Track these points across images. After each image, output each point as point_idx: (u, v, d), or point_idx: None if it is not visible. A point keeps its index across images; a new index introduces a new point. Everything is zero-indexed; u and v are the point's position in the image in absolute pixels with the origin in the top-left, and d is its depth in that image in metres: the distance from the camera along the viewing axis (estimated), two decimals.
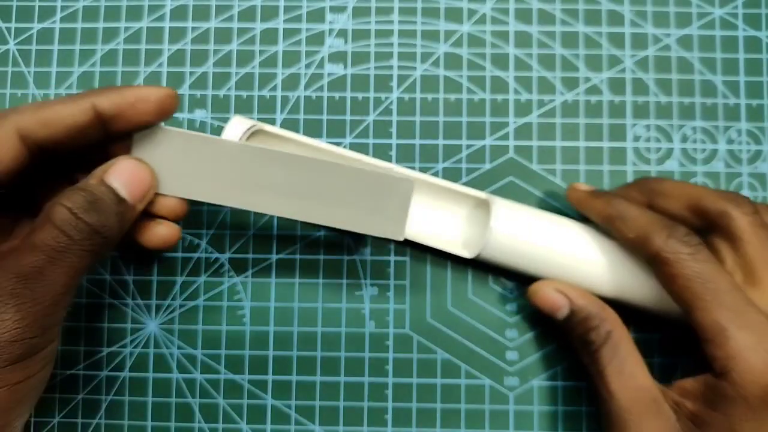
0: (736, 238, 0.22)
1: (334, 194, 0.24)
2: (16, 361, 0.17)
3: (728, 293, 0.21)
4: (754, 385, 0.20)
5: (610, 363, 0.23)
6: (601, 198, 0.25)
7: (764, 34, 0.30)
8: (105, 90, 0.21)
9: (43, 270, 0.18)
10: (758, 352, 0.20)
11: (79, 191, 0.20)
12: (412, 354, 0.28)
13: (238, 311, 0.29)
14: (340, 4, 0.30)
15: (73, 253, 0.19)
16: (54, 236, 0.18)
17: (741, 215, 0.22)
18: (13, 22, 0.30)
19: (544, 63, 0.30)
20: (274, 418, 0.28)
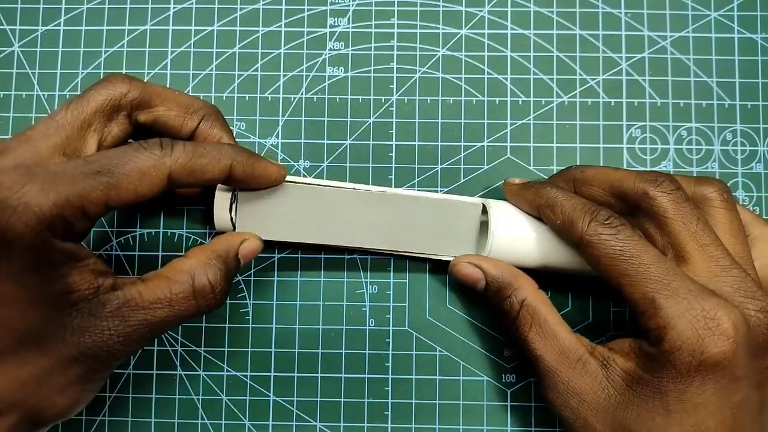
0: (661, 218, 0.23)
1: (413, 224, 0.26)
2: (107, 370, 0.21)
3: (653, 265, 0.21)
4: (682, 352, 0.20)
5: (530, 329, 0.23)
6: (531, 189, 0.25)
7: (759, 36, 0.30)
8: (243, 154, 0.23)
9: (166, 323, 0.21)
10: (687, 319, 0.20)
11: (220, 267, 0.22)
12: (411, 351, 0.29)
13: (241, 309, 0.29)
14: (341, 8, 0.31)
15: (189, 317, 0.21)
16: (190, 305, 0.21)
17: (661, 194, 0.23)
18: (17, 25, 0.31)
19: (541, 65, 0.30)
20: (275, 414, 0.28)
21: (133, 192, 0.20)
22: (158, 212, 0.29)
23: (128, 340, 0.20)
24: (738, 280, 0.22)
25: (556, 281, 0.28)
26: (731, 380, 0.20)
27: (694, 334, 0.20)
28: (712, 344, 0.20)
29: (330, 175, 0.30)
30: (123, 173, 0.20)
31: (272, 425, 0.28)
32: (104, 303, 0.20)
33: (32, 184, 0.18)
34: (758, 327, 0.21)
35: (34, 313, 0.19)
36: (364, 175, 0.29)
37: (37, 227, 0.18)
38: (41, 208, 0.18)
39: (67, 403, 0.20)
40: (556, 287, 0.29)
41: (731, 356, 0.20)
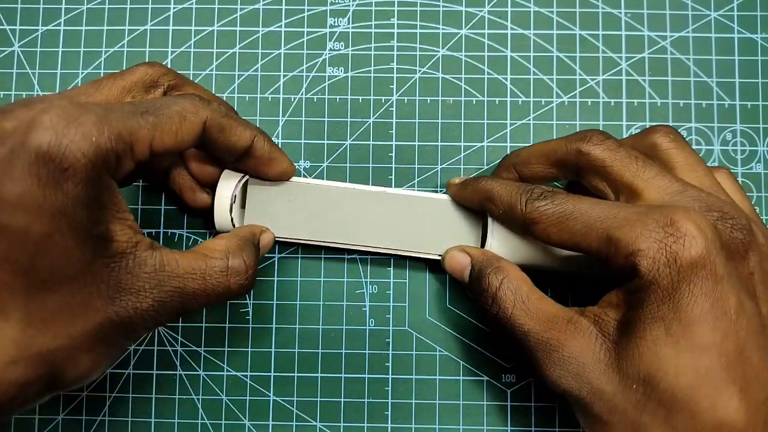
0: (601, 169, 0.22)
1: (416, 224, 0.27)
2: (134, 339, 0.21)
3: (593, 210, 0.21)
4: (658, 267, 0.19)
5: (513, 306, 0.22)
6: (470, 186, 0.25)
7: (759, 36, 0.30)
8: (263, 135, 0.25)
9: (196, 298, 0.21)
10: (647, 237, 0.19)
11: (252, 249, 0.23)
12: (411, 351, 0.29)
13: (241, 309, 0.29)
14: (341, 8, 0.31)
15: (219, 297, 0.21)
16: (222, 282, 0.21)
17: (593, 147, 0.23)
18: (17, 25, 0.31)
19: (541, 65, 0.30)
20: (275, 414, 0.28)
21: (174, 135, 0.21)
22: (158, 212, 0.29)
23: (160, 307, 0.20)
24: (692, 199, 0.21)
25: (556, 282, 0.28)
26: (715, 283, 0.19)
27: (660, 246, 0.19)
28: (681, 248, 0.19)
29: (330, 175, 0.30)
30: (167, 114, 0.21)
31: (272, 425, 0.28)
32: (142, 262, 0.20)
33: (88, 116, 0.18)
34: (724, 231, 0.21)
35: (77, 254, 0.18)
36: (364, 176, 0.30)
37: (93, 157, 0.18)
38: (97, 138, 0.18)
39: (89, 365, 0.20)
40: (556, 290, 0.29)
41: (705, 253, 0.19)
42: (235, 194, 0.26)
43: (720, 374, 0.19)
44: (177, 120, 0.21)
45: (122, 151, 0.19)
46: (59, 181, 0.17)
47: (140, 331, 0.20)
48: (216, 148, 0.23)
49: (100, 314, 0.19)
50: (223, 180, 0.26)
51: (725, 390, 0.19)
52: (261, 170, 0.25)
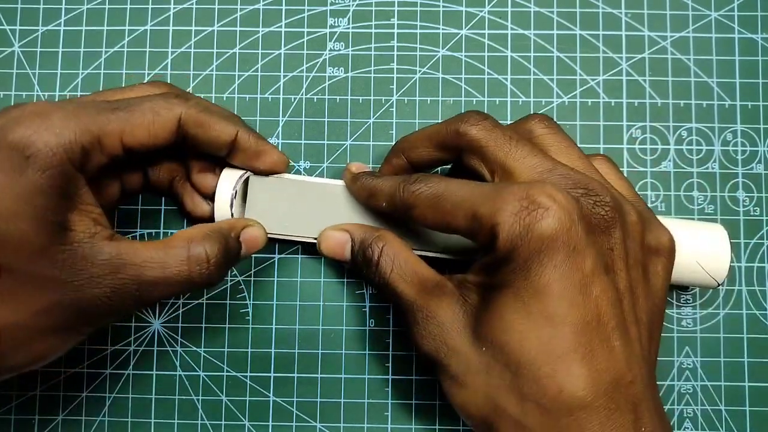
0: (477, 148, 0.23)
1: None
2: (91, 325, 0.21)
3: (463, 189, 0.21)
4: (513, 239, 0.19)
5: (391, 270, 0.23)
6: (357, 183, 0.26)
7: (760, 37, 0.30)
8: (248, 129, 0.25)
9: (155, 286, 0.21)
10: (506, 210, 0.20)
11: (220, 240, 0.23)
12: (411, 351, 0.29)
13: (241, 309, 0.29)
14: (341, 8, 0.31)
15: (182, 287, 0.22)
16: (182, 271, 0.21)
17: (470, 127, 0.23)
18: (17, 25, 0.31)
19: (542, 66, 0.30)
20: (275, 415, 0.28)
21: (146, 130, 0.22)
22: (158, 213, 0.29)
23: (115, 295, 0.20)
24: (561, 176, 0.22)
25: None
26: (568, 254, 0.19)
27: (516, 219, 0.19)
28: (538, 223, 0.19)
29: (330, 176, 0.30)
30: (139, 110, 0.22)
31: (272, 426, 0.28)
32: (98, 250, 0.20)
33: (57, 111, 0.20)
34: (587, 206, 0.21)
35: (33, 238, 0.19)
36: None
37: (54, 147, 0.19)
38: (61, 130, 0.20)
39: (37, 347, 0.20)
40: None
41: (558, 225, 0.19)
42: (236, 190, 0.26)
43: (562, 343, 0.19)
44: (149, 115, 0.22)
45: (88, 143, 0.20)
46: (22, 168, 0.19)
47: (98, 317, 0.21)
48: (198, 144, 0.24)
49: (51, 297, 0.20)
50: (224, 176, 0.26)
51: (566, 358, 0.19)
52: (251, 164, 0.26)
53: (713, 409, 0.28)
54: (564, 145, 0.24)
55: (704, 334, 0.29)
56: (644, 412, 0.20)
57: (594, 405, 0.19)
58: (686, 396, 0.28)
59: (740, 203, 0.29)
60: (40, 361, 0.21)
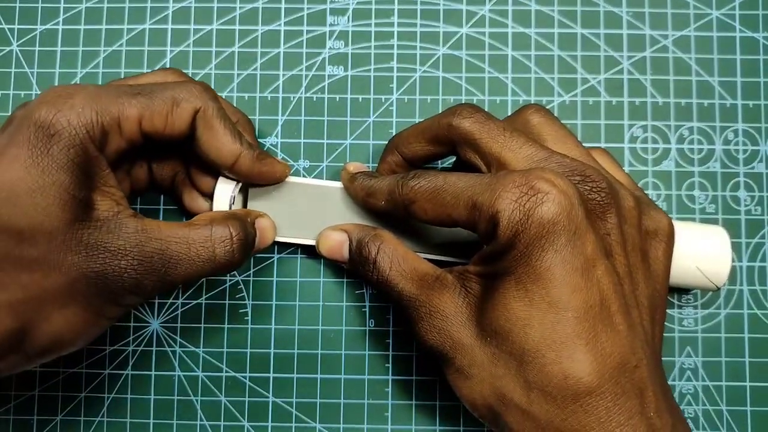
0: (471, 141, 0.23)
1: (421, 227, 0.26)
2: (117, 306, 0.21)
3: (460, 181, 0.21)
4: (513, 226, 0.19)
5: (389, 267, 0.23)
6: (354, 183, 0.26)
7: (761, 35, 0.30)
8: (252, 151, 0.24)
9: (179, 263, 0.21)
10: (505, 198, 0.20)
11: (240, 224, 0.23)
12: (411, 352, 0.29)
13: (240, 309, 0.29)
14: (341, 6, 0.31)
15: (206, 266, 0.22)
16: (207, 247, 0.22)
17: (463, 120, 0.23)
18: (16, 24, 0.31)
19: (542, 64, 0.30)
20: (275, 415, 0.28)
21: (164, 118, 0.22)
22: (158, 213, 0.29)
23: (141, 267, 0.20)
24: (557, 164, 0.22)
25: None
26: (568, 238, 0.19)
27: (516, 206, 0.19)
28: (538, 208, 0.19)
29: (330, 175, 0.29)
30: (159, 97, 0.22)
31: (271, 426, 0.28)
32: (123, 224, 0.21)
33: (80, 92, 0.21)
34: (585, 192, 0.21)
35: (57, 212, 0.20)
36: None
37: (77, 125, 0.20)
38: (83, 109, 0.20)
39: (62, 326, 0.20)
40: None
41: (558, 210, 0.19)
42: (234, 194, 0.25)
43: (566, 328, 0.19)
44: (169, 103, 0.22)
45: (108, 125, 0.21)
46: (47, 145, 0.20)
47: (122, 294, 0.21)
48: (201, 151, 0.24)
49: (75, 270, 0.20)
50: (221, 181, 0.26)
51: (570, 343, 0.19)
52: (252, 181, 0.26)
53: (714, 410, 0.28)
54: (560, 134, 0.24)
55: (705, 334, 0.29)
56: (650, 395, 0.20)
57: (599, 390, 0.19)
58: (687, 396, 0.28)
59: (741, 202, 0.29)
60: (60, 342, 0.20)
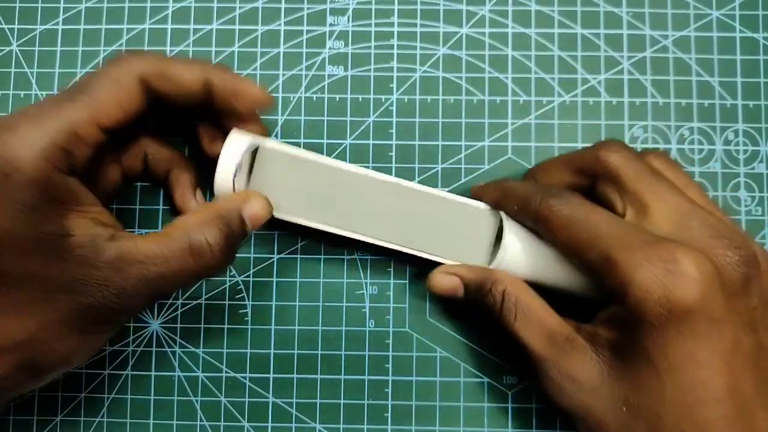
0: (615, 176, 0.23)
1: (428, 223, 0.25)
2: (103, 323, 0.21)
3: (603, 224, 0.21)
4: (648, 303, 0.19)
5: (515, 319, 0.23)
6: (491, 185, 0.26)
7: (761, 36, 0.30)
8: (219, 69, 0.23)
9: (164, 279, 0.20)
10: (646, 268, 0.19)
11: (218, 225, 0.21)
12: (411, 352, 0.29)
13: (240, 310, 0.29)
14: (341, 6, 0.31)
15: (191, 278, 0.21)
16: (186, 264, 0.21)
17: (610, 153, 0.23)
18: (16, 24, 0.31)
19: (542, 65, 0.30)
20: (275, 416, 0.28)
21: (116, 103, 0.21)
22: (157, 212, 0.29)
23: (124, 295, 0.20)
24: (701, 222, 0.21)
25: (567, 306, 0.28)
26: (710, 324, 0.19)
27: (656, 282, 0.19)
28: (677, 289, 0.19)
29: None
30: (98, 86, 0.21)
31: (272, 427, 0.28)
32: (100, 252, 0.20)
33: (23, 120, 0.19)
34: (731, 265, 0.20)
35: (32, 253, 0.19)
36: None
37: (31, 156, 0.19)
38: (32, 139, 0.19)
39: (66, 351, 0.20)
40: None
41: (700, 298, 0.19)
42: (241, 162, 0.24)
43: (705, 410, 0.19)
44: (109, 86, 0.21)
45: (65, 141, 0.20)
46: (5, 188, 0.18)
47: (115, 317, 0.21)
48: (169, 99, 0.22)
49: (64, 305, 0.20)
50: (230, 141, 0.24)
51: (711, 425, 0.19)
52: (231, 107, 0.23)
53: None
54: (683, 183, 0.23)
55: None
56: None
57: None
58: None
59: (742, 203, 0.29)
60: (68, 364, 0.21)
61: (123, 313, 0.21)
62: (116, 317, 0.21)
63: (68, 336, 0.20)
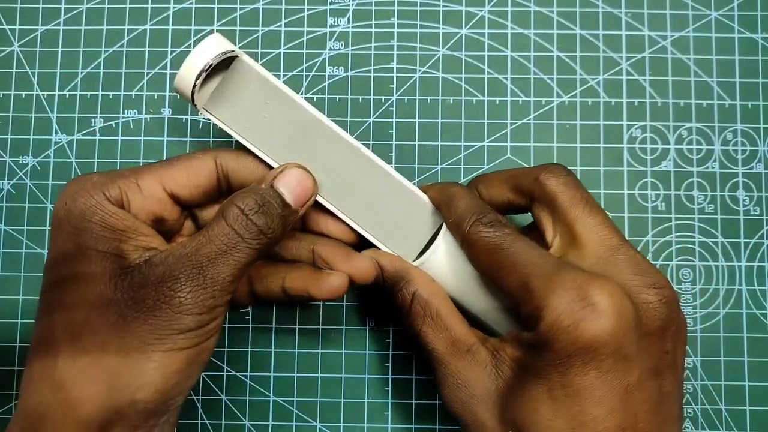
0: (550, 201, 0.22)
1: (371, 197, 0.24)
2: (185, 331, 0.20)
3: (525, 252, 0.21)
4: (558, 332, 0.19)
5: (423, 322, 0.23)
6: (437, 186, 0.25)
7: (760, 36, 0.30)
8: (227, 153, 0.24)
9: (215, 261, 0.20)
10: (561, 298, 0.19)
11: (251, 194, 0.21)
12: (411, 351, 0.29)
13: (240, 309, 0.29)
14: (341, 7, 0.31)
15: (241, 250, 0.21)
16: (226, 233, 0.21)
17: (550, 177, 0.22)
18: (17, 24, 0.31)
19: (542, 65, 0.30)
20: (275, 414, 0.28)
21: (185, 173, 0.23)
22: None
23: (176, 284, 0.20)
24: (628, 259, 0.21)
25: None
26: (616, 362, 0.19)
27: (569, 314, 0.19)
28: (589, 323, 0.18)
29: None
30: (174, 158, 0.23)
31: (272, 425, 0.28)
32: (152, 260, 0.21)
33: (101, 172, 0.22)
34: (652, 305, 0.20)
35: (96, 277, 0.20)
36: None
37: (90, 189, 0.21)
38: (98, 178, 0.22)
39: (150, 368, 0.20)
40: None
41: (611, 336, 0.18)
42: (212, 63, 0.22)
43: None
44: (184, 160, 0.23)
45: (124, 184, 0.22)
46: (70, 221, 0.21)
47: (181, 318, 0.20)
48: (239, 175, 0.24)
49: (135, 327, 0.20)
50: (205, 42, 0.22)
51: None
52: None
53: (713, 409, 0.28)
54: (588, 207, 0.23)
55: (704, 334, 0.29)
56: None
57: None
58: (686, 395, 0.28)
59: (740, 203, 0.29)
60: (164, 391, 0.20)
61: (191, 313, 0.20)
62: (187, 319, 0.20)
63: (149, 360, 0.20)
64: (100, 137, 0.30)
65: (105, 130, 0.30)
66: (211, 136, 0.30)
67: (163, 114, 0.30)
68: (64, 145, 0.30)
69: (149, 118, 0.30)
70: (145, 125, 0.30)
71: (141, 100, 0.30)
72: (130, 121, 0.30)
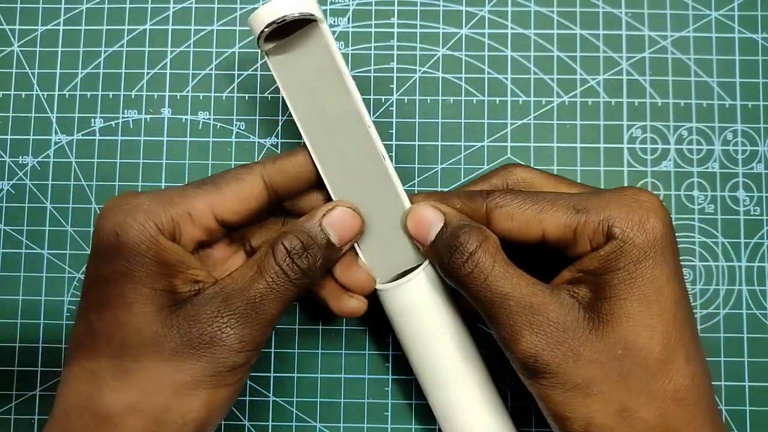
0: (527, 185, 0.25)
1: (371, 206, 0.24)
2: (236, 368, 0.21)
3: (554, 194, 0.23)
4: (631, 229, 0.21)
5: (492, 267, 0.21)
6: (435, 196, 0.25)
7: (760, 36, 0.30)
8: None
9: (264, 298, 0.21)
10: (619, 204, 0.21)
11: (297, 235, 0.22)
12: None
13: None
14: (341, 7, 0.31)
15: (287, 288, 0.21)
16: (276, 271, 0.21)
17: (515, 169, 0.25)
18: (17, 24, 0.31)
19: (542, 65, 0.30)
20: (275, 414, 0.28)
21: (234, 196, 0.23)
22: None
23: (231, 320, 0.21)
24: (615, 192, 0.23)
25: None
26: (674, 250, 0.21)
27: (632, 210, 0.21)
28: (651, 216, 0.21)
29: None
30: (222, 181, 0.23)
31: (272, 426, 0.28)
32: (204, 297, 0.21)
33: (146, 195, 0.22)
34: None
35: (148, 314, 0.20)
36: None
37: (144, 221, 0.21)
38: (149, 207, 0.21)
39: (198, 404, 0.20)
40: None
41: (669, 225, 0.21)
42: (287, 18, 0.22)
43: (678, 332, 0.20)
44: (233, 182, 0.23)
45: (177, 216, 0.22)
46: (121, 256, 0.21)
47: (226, 354, 0.21)
48: (289, 185, 0.24)
49: (180, 354, 0.20)
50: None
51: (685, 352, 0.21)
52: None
53: None
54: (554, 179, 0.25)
55: (704, 334, 0.29)
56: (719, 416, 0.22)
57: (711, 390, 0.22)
58: None
59: (740, 203, 0.29)
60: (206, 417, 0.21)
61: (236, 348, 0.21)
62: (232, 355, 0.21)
63: (194, 386, 0.20)
64: (100, 137, 0.30)
65: (105, 130, 0.30)
66: (211, 136, 0.30)
67: (163, 114, 0.30)
68: (64, 145, 0.30)
69: (149, 118, 0.30)
70: (145, 125, 0.30)
71: (141, 100, 0.30)
72: (130, 121, 0.30)
